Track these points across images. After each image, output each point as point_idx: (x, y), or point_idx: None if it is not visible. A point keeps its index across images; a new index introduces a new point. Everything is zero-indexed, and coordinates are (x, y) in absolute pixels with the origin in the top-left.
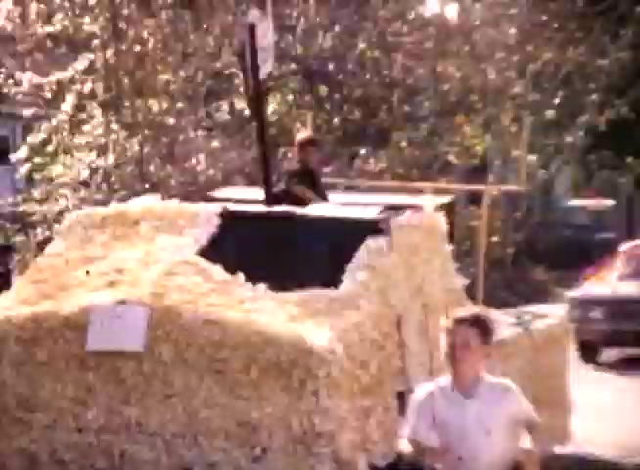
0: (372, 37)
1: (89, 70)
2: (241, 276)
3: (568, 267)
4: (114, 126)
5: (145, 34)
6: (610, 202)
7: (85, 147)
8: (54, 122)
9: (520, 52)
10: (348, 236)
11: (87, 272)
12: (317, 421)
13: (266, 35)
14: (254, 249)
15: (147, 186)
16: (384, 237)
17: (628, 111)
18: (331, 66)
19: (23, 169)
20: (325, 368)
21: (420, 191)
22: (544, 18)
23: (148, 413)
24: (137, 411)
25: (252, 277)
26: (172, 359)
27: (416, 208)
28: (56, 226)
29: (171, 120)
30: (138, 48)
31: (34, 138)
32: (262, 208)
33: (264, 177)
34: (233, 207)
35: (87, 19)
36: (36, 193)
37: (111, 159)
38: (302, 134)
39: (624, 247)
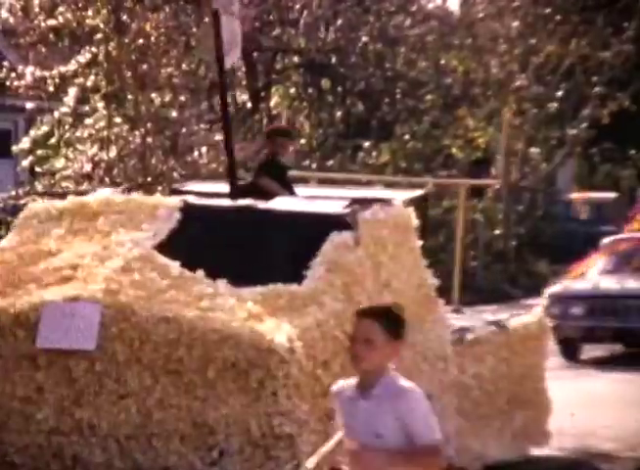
0: (374, 30)
1: (92, 63)
2: (200, 272)
3: (570, 260)
4: (117, 119)
5: (147, 27)
6: (612, 195)
7: (88, 140)
8: (56, 115)
9: (522, 45)
10: (313, 230)
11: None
12: (276, 423)
13: (233, 23)
14: (216, 244)
15: (149, 179)
16: (349, 232)
17: (631, 103)
18: (334, 59)
19: (26, 162)
20: (284, 368)
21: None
22: (547, 10)
23: (100, 414)
24: (89, 412)
25: (213, 273)
26: (126, 359)
27: (384, 202)
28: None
29: (174, 113)
30: (141, 41)
31: (37, 131)
32: (225, 201)
33: (228, 170)
34: (194, 200)
35: (90, 12)
36: (39, 186)
37: (113, 152)
38: (274, 124)
39: (605, 241)
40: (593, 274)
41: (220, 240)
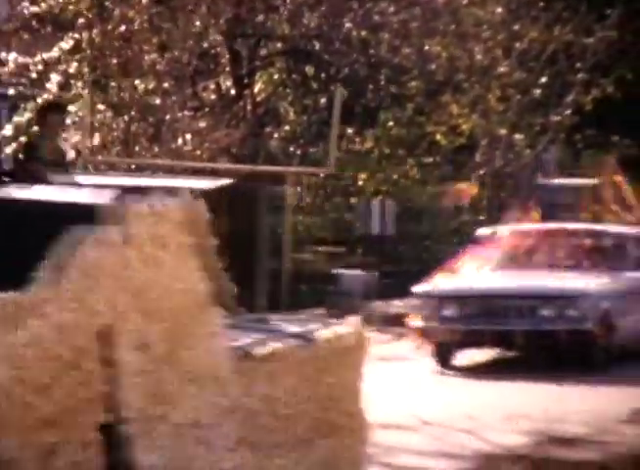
0: (358, 16)
1: (75, 49)
2: None
3: None
4: (101, 106)
5: (131, 14)
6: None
7: (71, 127)
8: (39, 102)
9: (506, 31)
10: (52, 224)
11: None
12: None
13: None
14: None
15: (133, 167)
16: (91, 226)
17: (614, 90)
18: (317, 45)
19: (9, 149)
20: None
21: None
22: None
23: None
24: None
25: None
26: None
27: (161, 191)
28: None
29: (158, 101)
30: (124, 28)
31: (20, 118)
32: None
33: None
34: None
35: None
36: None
37: (97, 139)
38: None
39: (481, 232)
40: (468, 270)
41: None
